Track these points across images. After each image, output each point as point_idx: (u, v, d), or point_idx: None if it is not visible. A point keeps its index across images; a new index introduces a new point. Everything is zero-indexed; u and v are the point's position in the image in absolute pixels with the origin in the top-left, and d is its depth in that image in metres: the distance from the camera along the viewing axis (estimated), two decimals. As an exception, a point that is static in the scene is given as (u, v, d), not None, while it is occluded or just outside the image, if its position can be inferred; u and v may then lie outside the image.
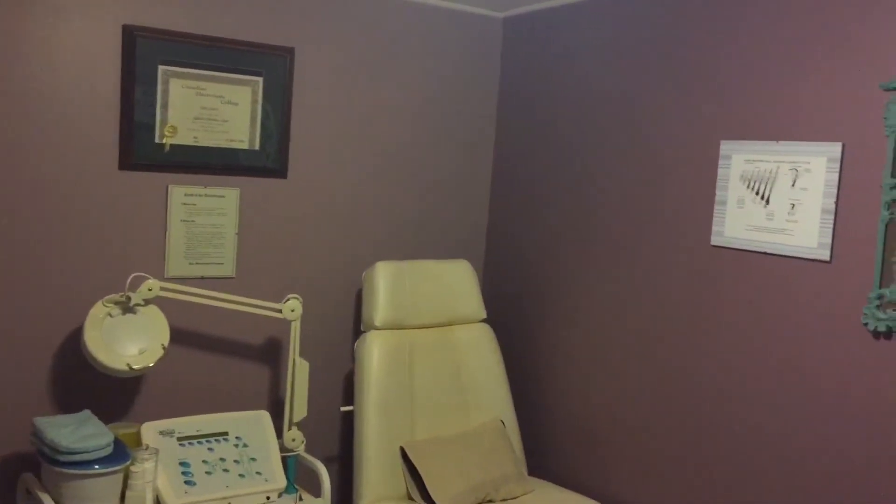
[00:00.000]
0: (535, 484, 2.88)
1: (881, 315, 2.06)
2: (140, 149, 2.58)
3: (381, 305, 2.86)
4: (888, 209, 2.05)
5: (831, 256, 2.18)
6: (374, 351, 2.82)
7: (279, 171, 2.85)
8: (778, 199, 2.31)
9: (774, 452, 2.31)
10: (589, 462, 2.88)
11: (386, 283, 2.88)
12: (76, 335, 2.49)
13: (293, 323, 2.66)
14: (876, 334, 2.08)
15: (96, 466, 2.17)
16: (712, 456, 2.47)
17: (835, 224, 2.17)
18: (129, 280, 2.46)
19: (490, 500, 2.75)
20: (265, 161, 2.82)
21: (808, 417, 2.23)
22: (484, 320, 3.09)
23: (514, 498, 2.79)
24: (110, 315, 2.41)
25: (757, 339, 2.36)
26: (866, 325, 2.09)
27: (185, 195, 2.67)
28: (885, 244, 2.05)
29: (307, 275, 2.96)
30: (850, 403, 2.13)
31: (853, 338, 2.13)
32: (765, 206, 2.34)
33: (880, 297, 2.06)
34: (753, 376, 2.37)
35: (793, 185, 2.27)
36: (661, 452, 2.63)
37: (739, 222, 2.41)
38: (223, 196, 2.74)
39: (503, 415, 2.99)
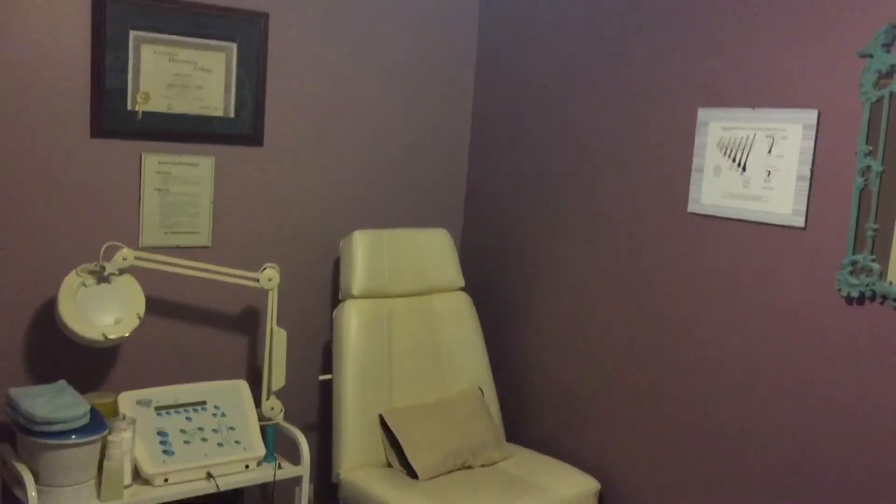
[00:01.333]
0: (513, 450, 2.91)
1: (854, 281, 2.08)
2: (112, 116, 2.54)
3: (358, 274, 2.85)
4: (862, 176, 2.07)
5: (806, 223, 2.20)
6: (353, 320, 2.82)
7: (255, 138, 2.82)
8: (754, 166, 2.32)
9: (750, 416, 2.34)
10: (566, 428, 2.91)
11: (363, 252, 2.87)
12: (50, 305, 2.47)
13: (270, 292, 2.65)
14: (849, 300, 2.11)
15: (73, 436, 2.16)
16: (688, 421, 2.50)
17: (810, 191, 2.19)
18: (102, 250, 2.43)
19: (468, 466, 2.77)
20: (240, 129, 2.78)
21: (782, 382, 2.26)
22: (462, 289, 3.09)
23: (493, 464, 2.81)
24: (84, 285, 2.38)
25: (732, 306, 2.38)
26: (839, 290, 2.12)
27: (159, 163, 2.64)
28: (858, 211, 2.08)
29: (284, 244, 2.94)
30: (823, 368, 2.17)
31: (826, 303, 2.15)
32: (741, 174, 2.35)
33: (853, 263, 2.09)
34: (728, 343, 2.39)
35: (769, 153, 2.28)
36: (637, 418, 2.66)
37: (716, 190, 2.42)
38: (198, 164, 2.71)
39: (481, 382, 3.01)
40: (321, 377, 2.95)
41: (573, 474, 2.72)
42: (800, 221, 2.21)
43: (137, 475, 2.34)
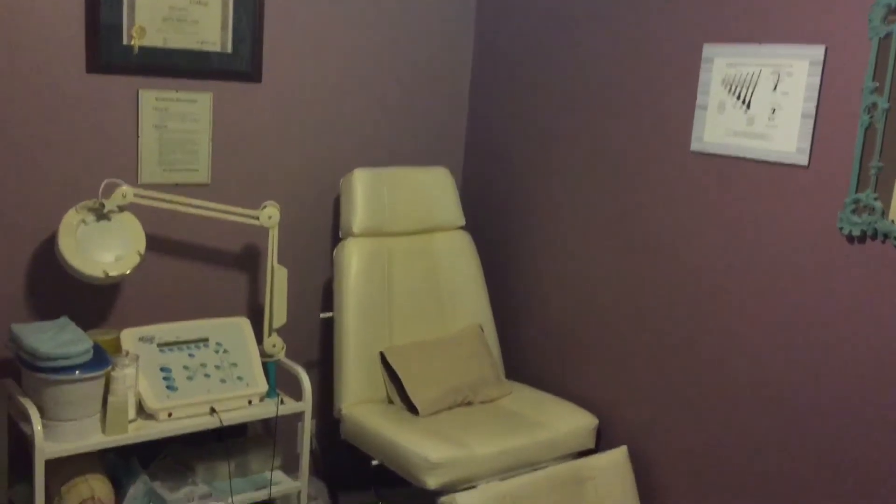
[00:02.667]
0: (513, 387, 2.95)
1: (856, 219, 2.08)
2: (108, 51, 2.50)
3: (358, 212, 2.85)
4: (868, 113, 2.04)
5: (809, 161, 2.18)
6: (353, 258, 2.82)
7: (253, 74, 2.78)
8: (759, 103, 2.29)
9: (749, 354, 2.36)
10: (565, 365, 2.94)
11: (364, 190, 2.86)
12: (50, 243, 2.46)
13: (271, 230, 2.65)
14: (850, 238, 2.11)
15: (77, 372, 2.17)
16: (686, 359, 2.53)
17: (814, 128, 2.17)
18: (101, 187, 2.42)
19: (468, 403, 2.81)
20: (238, 65, 2.74)
21: (781, 320, 2.27)
22: (462, 227, 3.09)
23: (492, 400, 2.85)
24: (84, 222, 2.37)
25: (733, 245, 2.38)
26: (841, 229, 2.11)
27: (157, 99, 2.60)
28: (863, 149, 2.06)
29: (284, 182, 2.92)
30: (823, 306, 2.18)
31: (828, 242, 2.15)
32: (745, 111, 2.33)
33: (856, 201, 2.08)
34: (728, 281, 2.40)
35: (774, 89, 2.25)
36: (635, 355, 2.68)
37: (719, 127, 2.40)
38: (195, 101, 2.67)
39: (481, 320, 3.03)
40: (322, 315, 2.96)
41: (572, 410, 2.75)
42: (803, 160, 2.19)
43: (141, 410, 2.36)
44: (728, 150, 2.37)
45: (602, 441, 2.75)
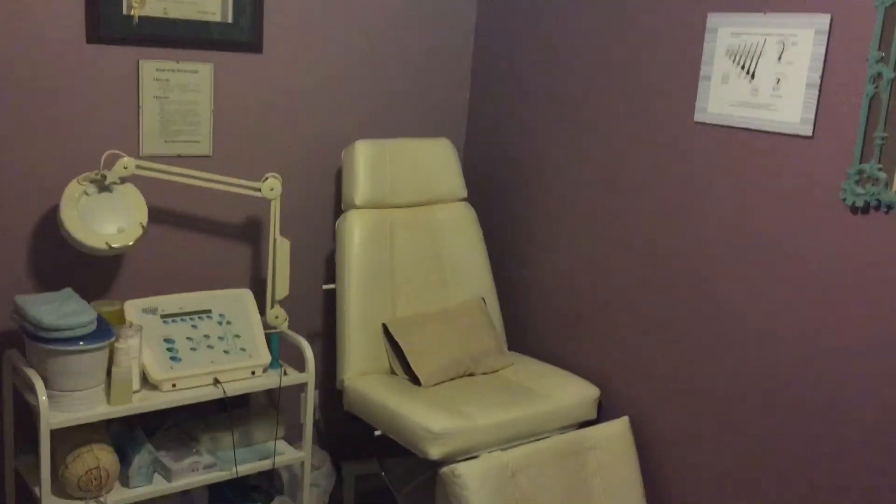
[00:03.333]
0: (515, 358, 2.96)
1: (860, 190, 2.07)
2: (107, 21, 2.48)
3: (360, 184, 2.84)
4: (873, 83, 2.03)
5: (813, 132, 2.17)
6: (355, 230, 2.82)
7: (253, 45, 2.76)
8: (763, 73, 2.27)
9: (751, 327, 2.36)
10: (567, 336, 2.95)
11: (366, 161, 2.85)
12: (53, 214, 2.46)
13: (273, 202, 2.64)
14: (853, 209, 2.10)
15: (81, 343, 2.18)
16: (688, 329, 2.53)
17: (819, 99, 2.15)
18: (103, 158, 2.41)
19: (470, 374, 2.82)
20: (239, 35, 2.72)
21: (784, 291, 2.27)
22: (465, 199, 3.08)
23: (494, 371, 2.86)
24: (86, 194, 2.37)
25: (736, 216, 2.38)
26: (844, 200, 2.11)
27: (157, 70, 2.59)
28: (867, 119, 2.05)
29: (286, 153, 2.91)
30: (826, 277, 2.18)
31: (831, 213, 2.15)
32: (750, 82, 2.31)
33: (860, 172, 2.07)
34: (732, 252, 2.40)
35: (779, 60, 2.23)
36: (637, 326, 2.69)
37: (723, 98, 2.38)
38: (196, 71, 2.66)
39: (484, 292, 3.03)
40: (324, 287, 2.97)
41: (574, 381, 2.77)
42: (807, 130, 2.18)
43: (145, 381, 2.38)
44: (732, 120, 2.36)
45: (604, 412, 2.77)
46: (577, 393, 2.71)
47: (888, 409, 2.06)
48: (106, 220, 2.40)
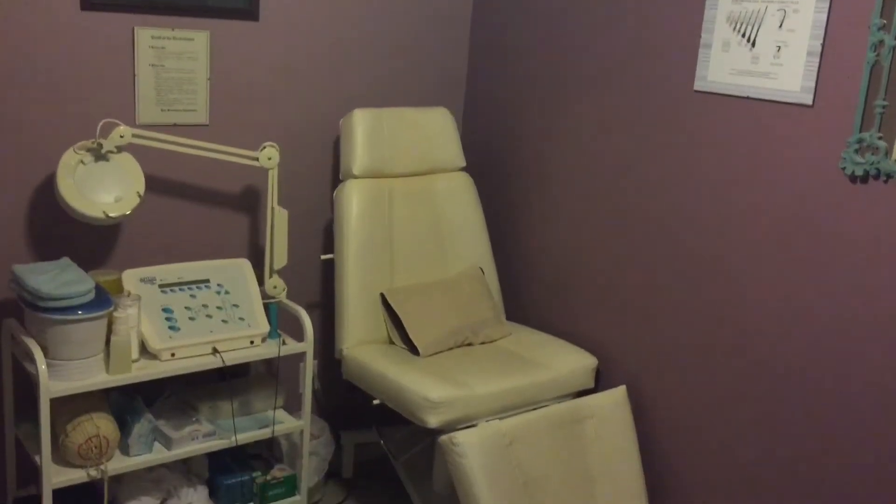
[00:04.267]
0: (513, 328, 2.97)
1: (859, 159, 2.06)
2: (102, -12, 2.46)
3: (359, 154, 2.83)
4: (874, 51, 2.01)
5: (814, 100, 2.16)
6: (353, 199, 2.81)
7: (250, 12, 2.73)
8: (764, 41, 2.26)
9: (749, 296, 2.37)
10: (565, 306, 2.95)
11: (364, 130, 2.84)
12: (49, 183, 2.46)
13: (270, 171, 2.63)
14: (853, 178, 2.09)
15: (79, 312, 2.18)
16: (685, 298, 2.53)
17: (819, 67, 2.14)
18: (99, 127, 2.40)
19: (468, 344, 2.83)
20: (235, 2, 2.69)
21: (782, 260, 2.27)
22: (463, 169, 3.07)
23: (492, 341, 2.87)
24: (82, 163, 2.36)
25: (734, 185, 2.37)
26: (843, 169, 2.10)
27: (153, 38, 2.57)
28: (868, 87, 2.03)
29: (284, 122, 2.90)
30: (824, 246, 2.17)
31: (830, 182, 2.14)
32: (750, 49, 2.29)
33: (860, 141, 2.06)
34: (730, 221, 2.39)
35: (780, 27, 2.21)
36: (636, 297, 2.69)
37: (723, 66, 2.36)
38: (192, 39, 2.63)
39: (482, 262, 3.03)
40: (323, 256, 2.97)
41: (571, 351, 2.77)
42: (808, 99, 2.17)
43: (144, 350, 2.38)
44: (732, 89, 2.35)
45: (601, 381, 2.78)
46: (574, 362, 2.72)
47: (881, 373, 2.06)
48: (103, 189, 2.39)
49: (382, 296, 2.82)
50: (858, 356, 2.11)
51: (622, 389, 2.65)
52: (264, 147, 2.60)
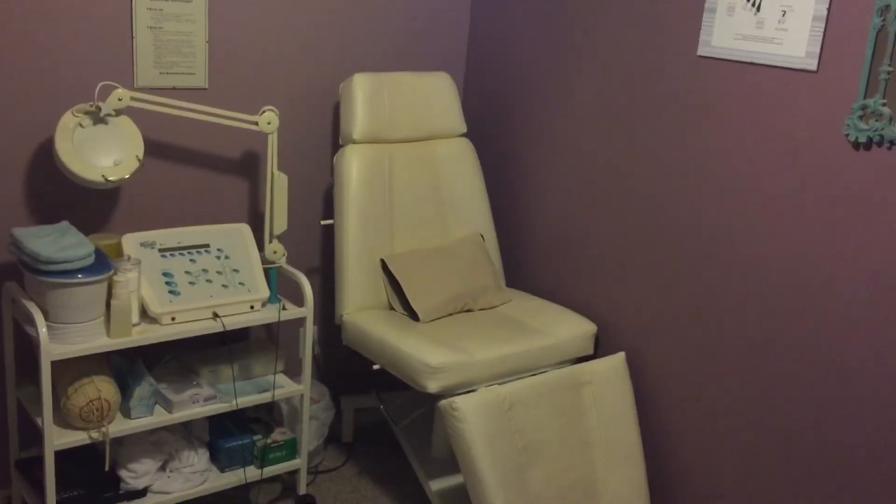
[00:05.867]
0: (513, 294, 2.97)
1: (863, 126, 2.05)
2: (99, -52, 2.42)
3: (359, 119, 2.81)
4: (880, 16, 1.99)
5: (818, 66, 2.14)
6: (353, 164, 2.80)
7: (249, -26, 2.70)
8: (769, 5, 2.23)
9: (749, 262, 2.36)
10: (565, 273, 2.95)
11: (364, 95, 2.82)
12: (48, 146, 2.44)
13: (270, 136, 2.61)
14: (856, 145, 2.08)
15: (79, 276, 2.18)
16: (684, 264, 2.53)
17: (825, 32, 2.11)
18: (97, 89, 2.38)
19: (468, 310, 2.83)
20: (234, -36, 2.66)
21: (785, 227, 2.27)
22: (464, 135, 3.05)
23: (492, 307, 2.88)
24: (81, 126, 2.34)
25: (737, 152, 2.36)
26: (847, 135, 2.09)
27: (151, 0, 2.54)
28: (874, 53, 2.01)
29: (283, 86, 2.88)
30: (828, 212, 2.17)
31: (833, 149, 2.13)
32: (755, 14, 2.27)
33: (864, 107, 2.05)
34: (732, 188, 2.38)
35: (786, -9, 2.19)
36: (635, 264, 2.69)
37: (728, 31, 2.34)
38: (191, 1, 2.60)
39: (482, 228, 3.03)
40: (323, 222, 2.96)
41: (571, 317, 2.78)
42: (812, 64, 2.15)
43: (145, 314, 2.39)
44: (736, 54, 2.32)
45: (601, 347, 2.79)
46: (574, 329, 2.72)
47: (881, 342, 2.07)
48: (102, 152, 2.37)
49: (382, 261, 2.82)
50: (859, 324, 2.12)
51: (621, 356, 2.66)
52: (264, 111, 2.58)
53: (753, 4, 2.27)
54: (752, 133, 2.31)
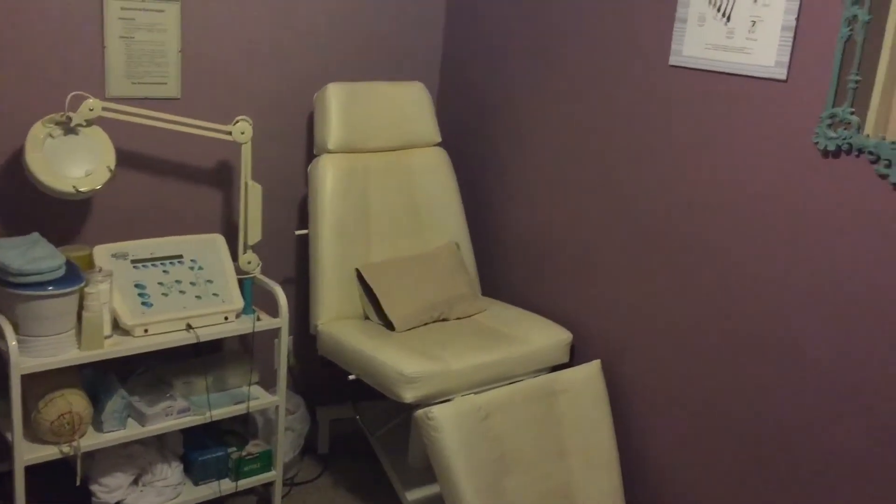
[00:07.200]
0: (488, 303, 2.97)
1: (832, 134, 2.08)
2: (69, -43, 2.40)
3: (333, 128, 2.81)
4: (848, 26, 2.02)
5: (788, 75, 2.17)
6: (328, 174, 2.79)
7: (222, -16, 2.69)
8: (739, 16, 2.26)
9: (723, 269, 2.38)
10: (540, 282, 2.96)
11: (338, 105, 2.81)
12: (18, 157, 2.41)
13: (244, 146, 2.60)
14: (825, 153, 2.11)
15: (50, 288, 2.16)
16: (658, 272, 2.55)
17: (794, 42, 2.14)
18: (68, 99, 2.36)
19: (444, 319, 2.83)
20: (206, -27, 2.65)
21: (756, 235, 2.29)
22: (439, 144, 3.06)
23: (468, 316, 2.88)
24: (51, 136, 2.32)
25: (709, 160, 2.38)
26: (816, 143, 2.11)
27: (122, 9, 2.52)
28: (842, 62, 2.04)
29: (257, 96, 2.86)
30: (798, 220, 2.19)
31: (803, 157, 2.16)
32: (725, 24, 2.30)
33: (832, 116, 2.07)
34: (704, 196, 2.41)
35: (755, 1, 2.22)
36: (610, 272, 2.71)
37: (699, 41, 2.36)
38: (163, 10, 2.59)
39: (458, 237, 3.03)
40: (297, 232, 2.95)
41: (547, 325, 2.79)
42: (782, 74, 2.17)
43: (117, 327, 2.36)
44: (707, 64, 2.35)
45: (576, 355, 2.80)
46: (549, 337, 2.73)
47: (851, 343, 2.09)
48: (73, 163, 2.35)
49: (358, 271, 2.81)
50: (831, 327, 2.14)
51: (596, 364, 2.67)
52: (237, 121, 2.57)
53: (724, 14, 2.30)
54: (723, 141, 2.34)
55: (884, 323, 2.02)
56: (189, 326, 2.43)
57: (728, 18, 2.28)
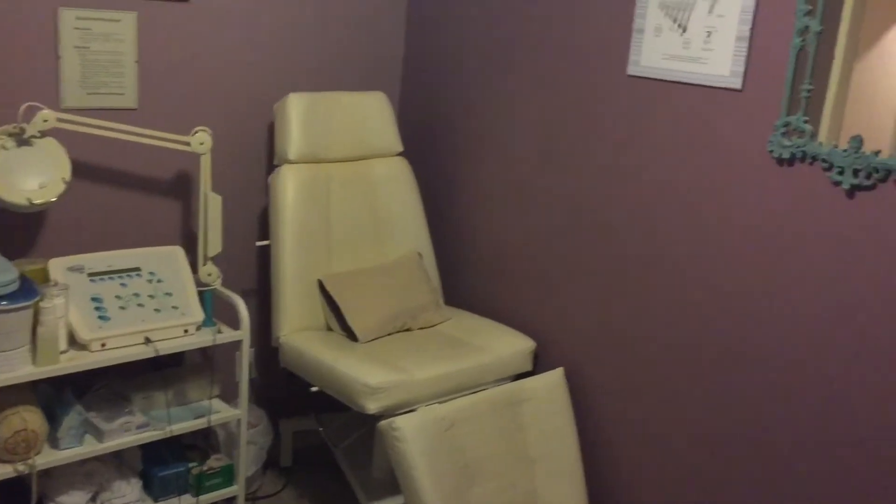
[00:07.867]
0: (451, 312, 2.97)
1: (786, 142, 2.12)
2: (22, -34, 2.36)
3: (294, 138, 2.79)
4: (800, 36, 2.06)
5: (743, 85, 2.20)
6: (289, 184, 2.77)
7: (179, -7, 2.67)
8: (695, 26, 2.29)
9: (683, 278, 2.41)
10: (503, 290, 2.97)
11: (299, 115, 2.80)
12: (-31, 170, 2.36)
13: (203, 156, 2.58)
14: (780, 161, 2.14)
15: (4, 302, 2.11)
16: (619, 281, 2.57)
17: (749, 52, 2.18)
18: (21, 110, 2.31)
19: (407, 329, 2.82)
20: (163, -17, 2.63)
21: (714, 243, 2.32)
22: (401, 154, 3.06)
23: (432, 326, 2.87)
24: (4, 148, 2.27)
25: (667, 169, 2.41)
26: (771, 152, 2.15)
27: (77, 19, 2.48)
28: (795, 72, 2.08)
29: (216, 106, 2.84)
30: (752, 228, 2.22)
31: (758, 165, 2.19)
32: (682, 35, 2.33)
33: (787, 124, 2.11)
34: (663, 205, 2.43)
35: (710, 12, 2.25)
36: (572, 280, 2.72)
37: (656, 51, 2.39)
38: (119, 20, 2.56)
39: (420, 247, 3.03)
40: (258, 243, 2.93)
41: (510, 334, 2.79)
42: (737, 83, 2.21)
43: (74, 341, 2.32)
44: (664, 73, 2.38)
45: (540, 364, 2.81)
46: (513, 346, 2.74)
47: (806, 349, 2.13)
48: (26, 175, 2.31)
49: (320, 282, 2.79)
50: (788, 334, 2.17)
51: (559, 371, 2.68)
52: (196, 131, 2.55)
53: (680, 25, 2.33)
54: (680, 149, 2.37)
55: (840, 328, 2.06)
56: (148, 340, 2.39)
57: (684, 29, 2.32)
